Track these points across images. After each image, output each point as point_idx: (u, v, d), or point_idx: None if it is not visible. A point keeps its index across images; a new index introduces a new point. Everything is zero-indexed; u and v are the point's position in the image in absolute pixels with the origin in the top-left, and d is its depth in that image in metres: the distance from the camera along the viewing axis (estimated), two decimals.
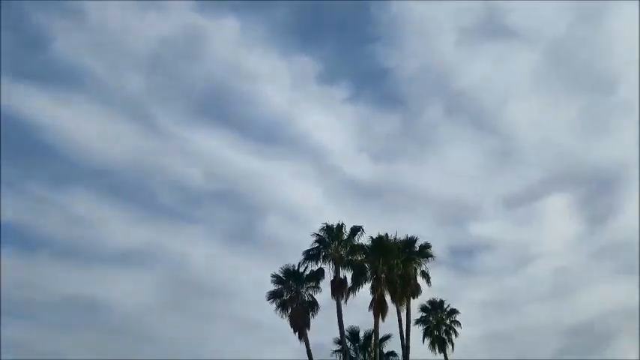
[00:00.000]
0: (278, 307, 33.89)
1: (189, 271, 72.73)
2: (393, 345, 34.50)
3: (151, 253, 73.93)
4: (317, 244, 34.42)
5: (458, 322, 40.72)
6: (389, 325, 34.04)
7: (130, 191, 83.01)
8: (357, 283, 33.87)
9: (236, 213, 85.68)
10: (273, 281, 34.69)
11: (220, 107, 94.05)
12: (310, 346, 32.54)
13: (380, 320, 33.12)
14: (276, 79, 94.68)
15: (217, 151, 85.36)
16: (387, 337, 34.42)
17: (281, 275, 34.64)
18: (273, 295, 34.34)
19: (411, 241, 35.34)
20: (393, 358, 34.30)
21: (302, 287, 34.35)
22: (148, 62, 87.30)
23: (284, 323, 33.66)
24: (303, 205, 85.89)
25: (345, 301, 33.48)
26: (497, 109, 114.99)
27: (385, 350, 34.58)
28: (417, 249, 35.31)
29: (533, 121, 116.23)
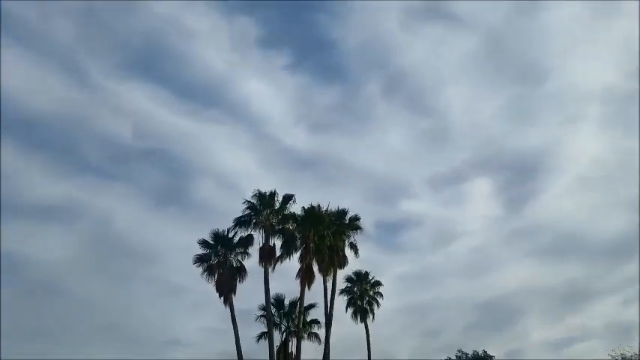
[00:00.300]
0: (204, 271, 33.55)
1: (114, 230, 70.27)
2: (317, 313, 35.23)
3: (73, 209, 70.75)
4: (248, 211, 34.12)
5: (380, 293, 42.02)
6: (314, 293, 34.68)
7: (54, 144, 78.63)
8: (287, 251, 34.05)
9: (166, 174, 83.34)
10: (200, 245, 34.28)
11: (155, 63, 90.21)
12: (235, 311, 32.60)
13: (306, 289, 33.63)
14: (216, 39, 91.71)
15: (149, 108, 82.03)
16: (312, 306, 34.99)
17: (209, 240, 34.23)
18: (200, 260, 33.93)
19: (342, 213, 35.82)
20: (316, 325, 34.92)
21: (230, 253, 34.12)
22: (81, 10, 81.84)
23: (210, 288, 33.53)
24: (236, 171, 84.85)
25: (273, 268, 33.64)
26: (432, 91, 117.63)
27: (309, 318, 35.15)
28: (348, 221, 35.85)
29: (465, 106, 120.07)
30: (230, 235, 34.20)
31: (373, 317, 40.90)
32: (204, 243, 34.24)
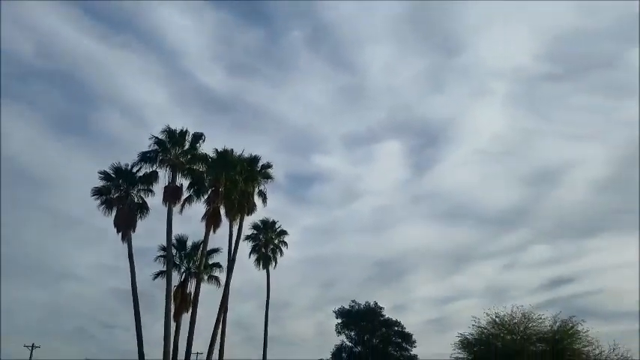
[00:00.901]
0: (103, 204, 31.90)
1: (6, 153, 64.88)
2: (220, 257, 34.92)
3: None
4: (155, 147, 32.47)
5: (285, 242, 42.52)
6: (219, 238, 34.27)
7: None
8: (195, 193, 33.07)
9: (69, 99, 77.57)
10: (101, 177, 32.48)
11: None
12: (133, 249, 31.36)
13: (211, 232, 32.95)
14: None
15: (56, 26, 75.04)
16: (215, 250, 34.60)
17: (111, 172, 32.46)
18: (99, 192, 32.17)
19: (254, 160, 35.20)
20: (217, 269, 34.67)
21: (132, 188, 32.59)
22: None
23: (107, 223, 31.97)
24: (146, 105, 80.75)
25: (181, 210, 32.55)
26: (355, 48, 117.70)
27: (211, 262, 34.77)
28: (259, 168, 35.38)
29: (385, 67, 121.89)
30: (133, 170, 32.59)
31: (275, 265, 41.45)
32: (104, 175, 32.43)
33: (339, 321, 56.27)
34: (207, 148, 33.80)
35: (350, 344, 55.84)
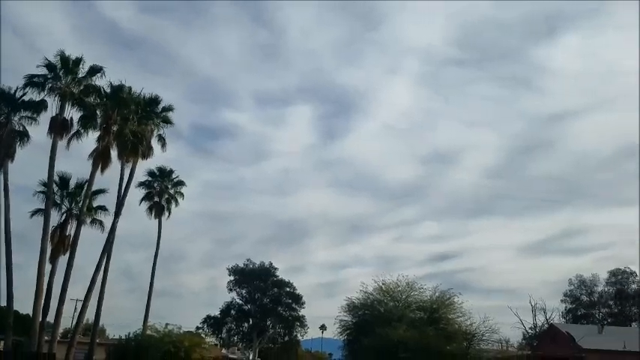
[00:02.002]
0: None
1: None
2: (106, 200, 32.74)
3: None
4: (46, 71, 29.41)
5: (182, 194, 40.76)
6: (108, 180, 32.18)
7: None
8: (84, 127, 30.28)
9: None
10: None
11: None
12: (12, 184, 28.63)
13: (99, 173, 30.40)
14: None
15: None
16: (101, 191, 32.37)
17: None
18: None
19: (153, 101, 32.91)
20: (102, 212, 32.54)
21: (14, 114, 29.50)
22: None
23: None
24: (44, 33, 73.66)
25: (68, 146, 29.79)
26: (276, 4, 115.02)
27: (96, 204, 32.56)
28: (159, 110, 33.28)
29: (304, 30, 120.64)
30: (17, 95, 29.43)
31: (169, 216, 39.68)
32: None
33: (232, 278, 56.14)
34: (104, 81, 30.97)
35: (240, 302, 56.05)
